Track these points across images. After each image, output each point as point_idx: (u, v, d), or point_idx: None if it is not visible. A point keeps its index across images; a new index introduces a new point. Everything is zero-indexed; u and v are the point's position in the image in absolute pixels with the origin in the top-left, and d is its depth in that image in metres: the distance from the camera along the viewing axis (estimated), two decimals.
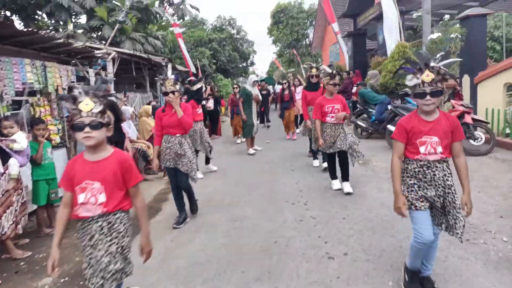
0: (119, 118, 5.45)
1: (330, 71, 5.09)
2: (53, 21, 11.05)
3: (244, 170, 7.05)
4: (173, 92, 4.18)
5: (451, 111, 6.95)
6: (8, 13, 10.70)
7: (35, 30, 4.59)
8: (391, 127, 7.54)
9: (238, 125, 10.23)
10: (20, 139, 4.05)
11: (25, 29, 4.54)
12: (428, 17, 8.55)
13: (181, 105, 4.29)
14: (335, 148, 5.02)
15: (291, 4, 33.93)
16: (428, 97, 2.35)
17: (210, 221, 4.49)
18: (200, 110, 6.66)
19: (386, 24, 10.53)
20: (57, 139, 5.65)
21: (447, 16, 8.25)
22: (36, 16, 11.18)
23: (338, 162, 5.21)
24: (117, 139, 5.46)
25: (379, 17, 12.36)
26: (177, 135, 4.33)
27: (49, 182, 4.53)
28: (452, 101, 6.93)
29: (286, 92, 10.34)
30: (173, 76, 4.31)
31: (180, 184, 4.47)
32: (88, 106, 2.04)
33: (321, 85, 6.12)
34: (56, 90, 5.59)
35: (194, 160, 4.48)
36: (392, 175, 2.54)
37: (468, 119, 6.60)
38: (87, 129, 2.04)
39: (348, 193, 4.95)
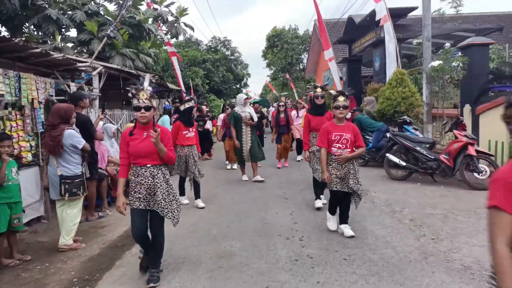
0: (91, 135, 4.93)
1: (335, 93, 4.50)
2: (41, 34, 10.62)
3: (234, 197, 6.55)
4: (147, 108, 3.19)
5: (454, 142, 6.61)
6: None
7: (8, 37, 4.14)
8: (391, 156, 7.16)
9: (230, 150, 9.26)
10: None
11: None
12: (429, 44, 8.36)
13: (157, 126, 3.30)
14: (344, 187, 4.27)
15: (286, 29, 34.24)
16: None
17: (193, 256, 3.95)
18: (191, 134, 5.97)
19: (387, 51, 10.34)
20: (28, 156, 5.11)
21: (447, 44, 8.07)
22: (24, 28, 10.76)
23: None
24: (90, 159, 4.96)
25: (376, 44, 12.24)
26: (148, 165, 3.30)
27: (11, 206, 3.97)
28: (455, 131, 6.60)
29: (282, 115, 9.38)
30: (150, 88, 3.35)
31: (153, 230, 3.43)
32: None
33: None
34: (32, 103, 5.10)
35: (171, 197, 3.42)
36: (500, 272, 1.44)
37: (471, 151, 6.26)
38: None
39: (351, 237, 4.28)
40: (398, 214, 5.14)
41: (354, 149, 4.39)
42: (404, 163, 7.02)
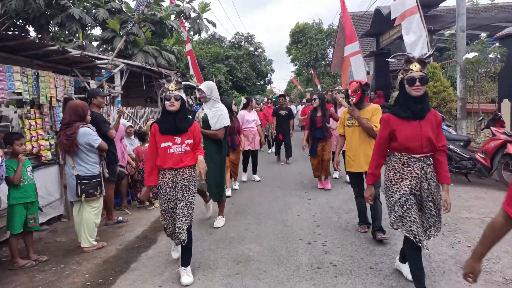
0: (103, 133, 4.78)
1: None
2: (66, 32, 10.77)
3: (253, 196, 6.34)
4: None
5: (491, 139, 6.14)
6: (21, 23, 10.49)
7: (22, 34, 4.08)
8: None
9: (233, 164, 6.52)
10: None
11: (11, 33, 4.02)
12: (463, 35, 7.82)
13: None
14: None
15: (310, 24, 33.70)
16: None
17: (209, 260, 3.77)
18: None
19: (411, 44, 9.82)
20: (48, 155, 5.08)
21: (483, 35, 7.52)
22: (50, 27, 10.93)
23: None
24: (108, 159, 4.81)
25: None
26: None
27: (27, 207, 3.92)
28: (493, 128, 6.12)
29: (319, 113, 6.38)
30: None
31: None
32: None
33: None
34: (50, 101, 5.07)
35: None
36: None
37: (511, 149, 5.78)
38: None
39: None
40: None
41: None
42: None
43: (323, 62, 33.85)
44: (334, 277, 3.27)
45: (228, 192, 6.21)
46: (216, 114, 4.51)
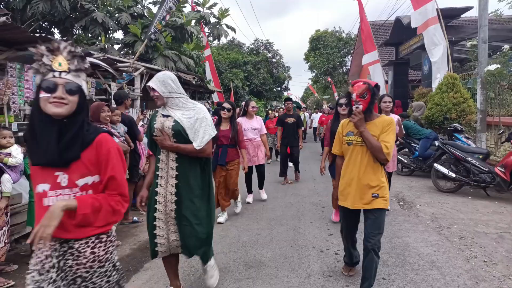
0: (135, 136, 4.89)
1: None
2: (89, 35, 11.07)
3: (266, 202, 6.35)
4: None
5: (511, 153, 6.00)
6: (47, 25, 10.84)
7: (45, 36, 4.23)
8: (439, 167, 6.63)
9: (220, 187, 5.19)
10: (16, 153, 3.62)
11: (38, 35, 4.18)
12: (485, 46, 7.69)
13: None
14: None
15: (328, 32, 33.66)
16: None
17: (221, 264, 3.79)
18: None
19: (431, 54, 9.74)
20: None
21: (506, 47, 7.38)
22: (74, 30, 11.25)
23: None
24: (132, 161, 4.97)
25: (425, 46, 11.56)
26: None
27: None
28: None
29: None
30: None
31: None
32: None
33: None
34: None
35: None
36: None
37: None
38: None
39: None
40: (445, 230, 4.70)
41: None
42: (453, 175, 6.47)
43: (341, 70, 33.72)
44: (345, 286, 3.25)
45: (221, 218, 5.17)
46: (194, 119, 2.78)
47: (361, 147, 2.91)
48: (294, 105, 8.91)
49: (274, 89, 28.21)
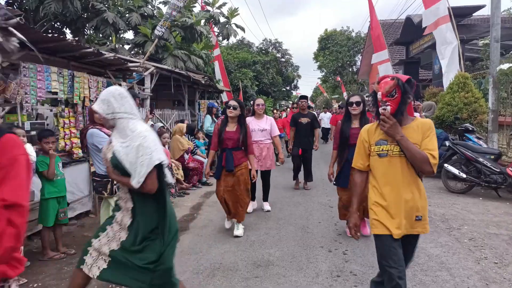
0: None
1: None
2: (101, 36, 11.19)
3: (274, 201, 6.35)
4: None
5: None
6: (59, 26, 10.98)
7: (61, 37, 4.29)
8: (450, 167, 6.56)
9: (229, 197, 4.60)
10: (29, 152, 3.68)
11: (51, 35, 4.24)
12: (497, 45, 7.59)
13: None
14: None
15: (338, 31, 33.54)
16: None
17: (229, 263, 3.82)
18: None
19: (441, 53, 9.64)
20: (79, 152, 5.30)
21: None
22: (86, 30, 11.38)
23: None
24: None
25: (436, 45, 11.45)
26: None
27: (59, 201, 4.11)
28: None
29: (355, 124, 4.37)
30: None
31: None
32: None
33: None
34: (83, 101, 5.29)
35: None
36: None
37: None
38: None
39: None
40: (455, 231, 4.66)
41: None
42: (464, 175, 6.40)
43: (350, 69, 33.56)
44: (354, 286, 3.24)
45: (238, 231, 4.63)
46: (129, 148, 2.29)
47: (400, 158, 2.29)
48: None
49: (283, 89, 28.17)
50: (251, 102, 6.95)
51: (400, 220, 2.28)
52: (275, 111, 10.42)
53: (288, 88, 30.26)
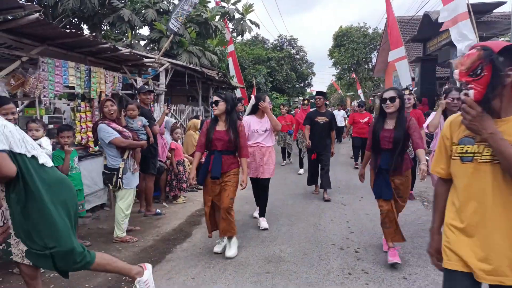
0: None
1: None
2: (117, 32, 11.35)
3: (287, 198, 6.36)
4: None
5: None
6: (76, 21, 11.18)
7: (79, 32, 4.37)
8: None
9: (214, 207, 4.04)
10: (46, 145, 3.76)
11: (69, 31, 4.32)
12: None
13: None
14: None
15: (354, 28, 33.17)
16: None
17: (241, 258, 3.85)
18: None
19: (460, 50, 9.43)
20: (95, 146, 5.40)
21: None
22: (102, 26, 11.55)
23: None
24: (148, 153, 5.05)
25: None
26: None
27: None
28: None
29: (388, 125, 3.65)
30: None
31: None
32: None
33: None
34: (99, 96, 5.38)
35: None
36: None
37: None
38: None
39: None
40: None
41: None
42: None
43: (365, 66, 33.18)
44: (365, 284, 3.23)
45: (218, 247, 4.01)
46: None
47: (493, 166, 1.58)
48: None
49: (297, 85, 28.04)
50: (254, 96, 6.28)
51: (492, 259, 1.56)
52: (281, 106, 10.09)
53: (302, 85, 30.12)
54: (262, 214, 4.93)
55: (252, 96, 5.69)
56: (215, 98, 3.92)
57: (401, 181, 3.65)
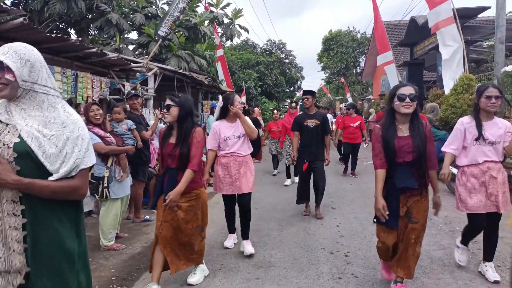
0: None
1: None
2: (105, 36, 11.24)
3: (277, 202, 6.35)
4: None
5: None
6: (63, 26, 11.05)
7: (64, 37, 4.32)
8: (453, 169, 6.51)
9: (168, 238, 3.17)
10: None
11: (55, 35, 4.27)
12: (502, 47, 7.55)
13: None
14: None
15: (342, 32, 33.51)
16: None
17: (230, 263, 3.82)
18: None
19: (443, 55, 9.60)
20: None
21: None
22: (90, 30, 11.43)
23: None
24: (138, 160, 4.94)
25: None
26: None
27: None
28: None
29: (404, 132, 2.93)
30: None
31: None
32: None
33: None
34: (86, 101, 5.31)
35: None
36: None
37: None
38: None
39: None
40: (458, 234, 4.61)
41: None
42: None
43: (354, 70, 33.51)
44: None
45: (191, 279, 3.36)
46: (58, 136, 1.55)
47: None
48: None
49: (287, 90, 28.17)
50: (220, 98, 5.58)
51: None
52: (275, 111, 9.89)
53: (292, 89, 30.27)
54: (245, 236, 4.10)
55: (220, 97, 4.82)
56: (167, 101, 3.10)
57: (413, 202, 2.97)
